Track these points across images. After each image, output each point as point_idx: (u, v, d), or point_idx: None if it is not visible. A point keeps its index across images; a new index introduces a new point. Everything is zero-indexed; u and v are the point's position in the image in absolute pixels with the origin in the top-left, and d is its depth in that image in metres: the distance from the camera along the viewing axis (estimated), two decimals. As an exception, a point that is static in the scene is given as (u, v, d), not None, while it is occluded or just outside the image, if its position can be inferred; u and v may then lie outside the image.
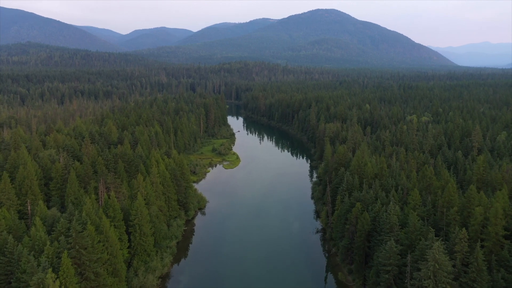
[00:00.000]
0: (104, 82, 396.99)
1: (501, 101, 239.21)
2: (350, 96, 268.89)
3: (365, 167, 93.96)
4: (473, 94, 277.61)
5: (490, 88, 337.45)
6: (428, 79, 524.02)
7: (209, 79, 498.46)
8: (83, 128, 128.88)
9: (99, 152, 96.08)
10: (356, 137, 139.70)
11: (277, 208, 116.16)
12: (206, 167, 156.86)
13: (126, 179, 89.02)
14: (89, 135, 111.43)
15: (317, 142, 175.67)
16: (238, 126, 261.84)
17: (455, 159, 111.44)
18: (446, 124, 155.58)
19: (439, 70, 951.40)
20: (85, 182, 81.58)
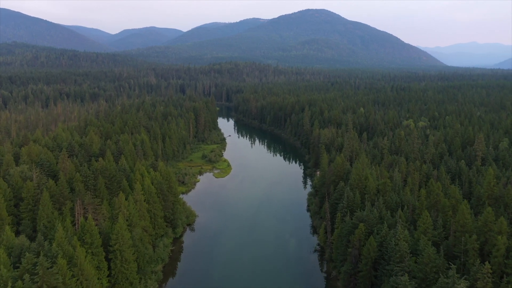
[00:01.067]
0: (91, 84, 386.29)
1: (496, 103, 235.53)
2: (343, 98, 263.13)
3: (366, 181, 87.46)
4: (467, 97, 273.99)
5: (483, 89, 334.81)
6: (419, 80, 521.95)
7: (199, 80, 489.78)
8: (63, 136, 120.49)
9: (77, 167, 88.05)
10: (352, 145, 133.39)
11: (271, 222, 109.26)
12: (196, 176, 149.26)
13: (107, 197, 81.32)
14: (68, 147, 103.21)
15: (311, 149, 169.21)
16: (229, 129, 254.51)
17: (458, 169, 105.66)
18: (445, 130, 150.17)
19: (429, 70, 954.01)
20: (60, 203, 73.76)
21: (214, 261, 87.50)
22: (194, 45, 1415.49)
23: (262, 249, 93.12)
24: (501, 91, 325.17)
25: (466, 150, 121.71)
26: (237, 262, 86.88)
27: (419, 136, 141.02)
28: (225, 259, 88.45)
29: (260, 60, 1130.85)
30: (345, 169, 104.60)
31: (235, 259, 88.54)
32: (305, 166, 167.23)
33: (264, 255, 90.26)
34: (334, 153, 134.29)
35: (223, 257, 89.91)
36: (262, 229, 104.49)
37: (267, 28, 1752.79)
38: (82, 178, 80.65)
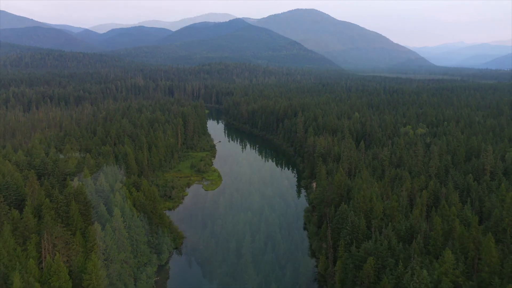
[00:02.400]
0: (76, 86, 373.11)
1: (493, 107, 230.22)
2: (337, 102, 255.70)
3: (371, 203, 79.29)
4: (462, 100, 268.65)
5: (476, 92, 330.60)
6: (411, 82, 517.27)
7: (188, 81, 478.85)
8: (38, 150, 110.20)
9: (48, 190, 78.17)
10: (351, 155, 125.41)
11: (266, 243, 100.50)
12: (184, 189, 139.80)
13: (81, 225, 71.81)
14: (40, 165, 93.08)
15: (306, 158, 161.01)
16: (219, 134, 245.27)
17: (466, 185, 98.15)
18: (446, 139, 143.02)
19: (419, 70, 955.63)
20: (25, 237, 64.13)
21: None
22: (184, 45, 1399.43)
23: (256, 277, 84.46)
24: (495, 93, 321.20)
25: (472, 162, 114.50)
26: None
27: (419, 144, 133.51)
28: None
29: (250, 60, 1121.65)
30: (346, 186, 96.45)
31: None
32: (300, 176, 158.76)
33: (258, 283, 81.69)
34: (331, 164, 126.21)
35: (213, 285, 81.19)
36: (255, 252, 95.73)
37: (257, 28, 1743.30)
38: (53, 205, 71.03)
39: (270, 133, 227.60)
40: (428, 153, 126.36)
